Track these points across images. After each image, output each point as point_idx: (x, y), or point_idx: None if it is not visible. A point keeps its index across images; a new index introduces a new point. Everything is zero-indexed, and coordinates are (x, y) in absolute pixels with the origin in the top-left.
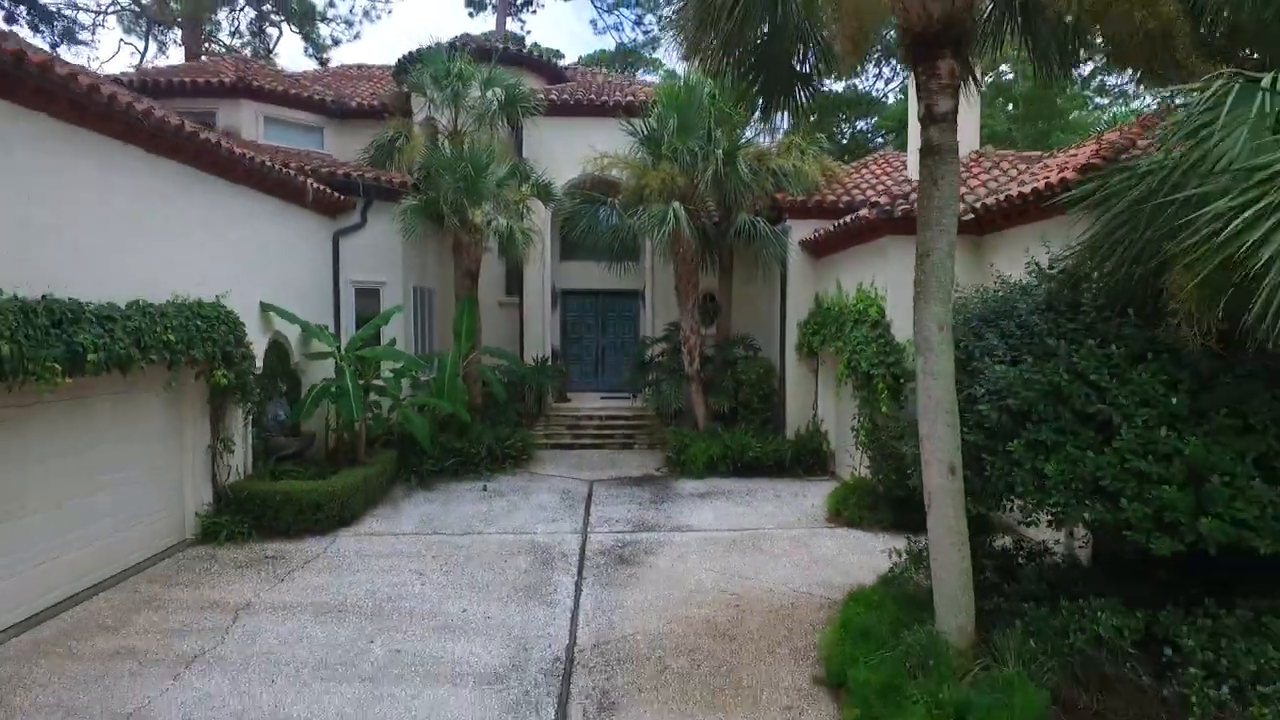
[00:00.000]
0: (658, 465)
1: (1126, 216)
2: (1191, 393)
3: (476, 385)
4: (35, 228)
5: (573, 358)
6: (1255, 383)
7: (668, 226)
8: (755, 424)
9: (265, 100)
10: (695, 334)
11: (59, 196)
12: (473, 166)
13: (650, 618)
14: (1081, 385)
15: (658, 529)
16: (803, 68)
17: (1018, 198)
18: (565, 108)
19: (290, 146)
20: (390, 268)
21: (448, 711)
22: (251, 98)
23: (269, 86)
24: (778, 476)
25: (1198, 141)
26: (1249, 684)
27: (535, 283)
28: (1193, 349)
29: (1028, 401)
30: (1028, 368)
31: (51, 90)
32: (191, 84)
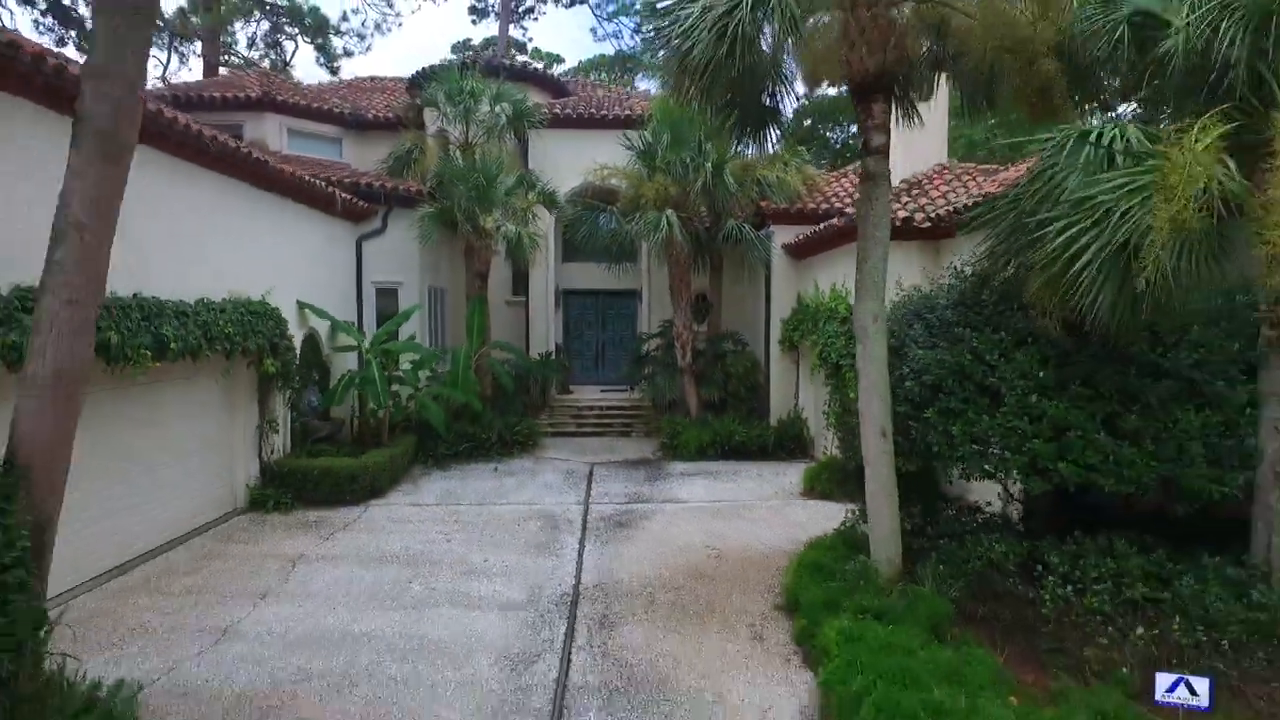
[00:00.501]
0: (653, 450)
1: (1007, 234)
2: (1057, 368)
3: (487, 377)
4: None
5: (575, 353)
6: (1102, 360)
7: (662, 232)
8: (742, 412)
9: (288, 113)
10: (688, 330)
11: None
12: (484, 177)
13: (643, 565)
14: (979, 364)
15: (651, 501)
16: (771, 102)
17: (955, 211)
18: (568, 120)
19: (312, 156)
20: (408, 269)
21: (479, 628)
22: (276, 111)
23: (292, 101)
24: (762, 459)
25: (1049, 179)
26: (1090, 585)
27: (540, 283)
28: (1054, 335)
29: (939, 377)
30: (941, 351)
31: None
32: (220, 99)
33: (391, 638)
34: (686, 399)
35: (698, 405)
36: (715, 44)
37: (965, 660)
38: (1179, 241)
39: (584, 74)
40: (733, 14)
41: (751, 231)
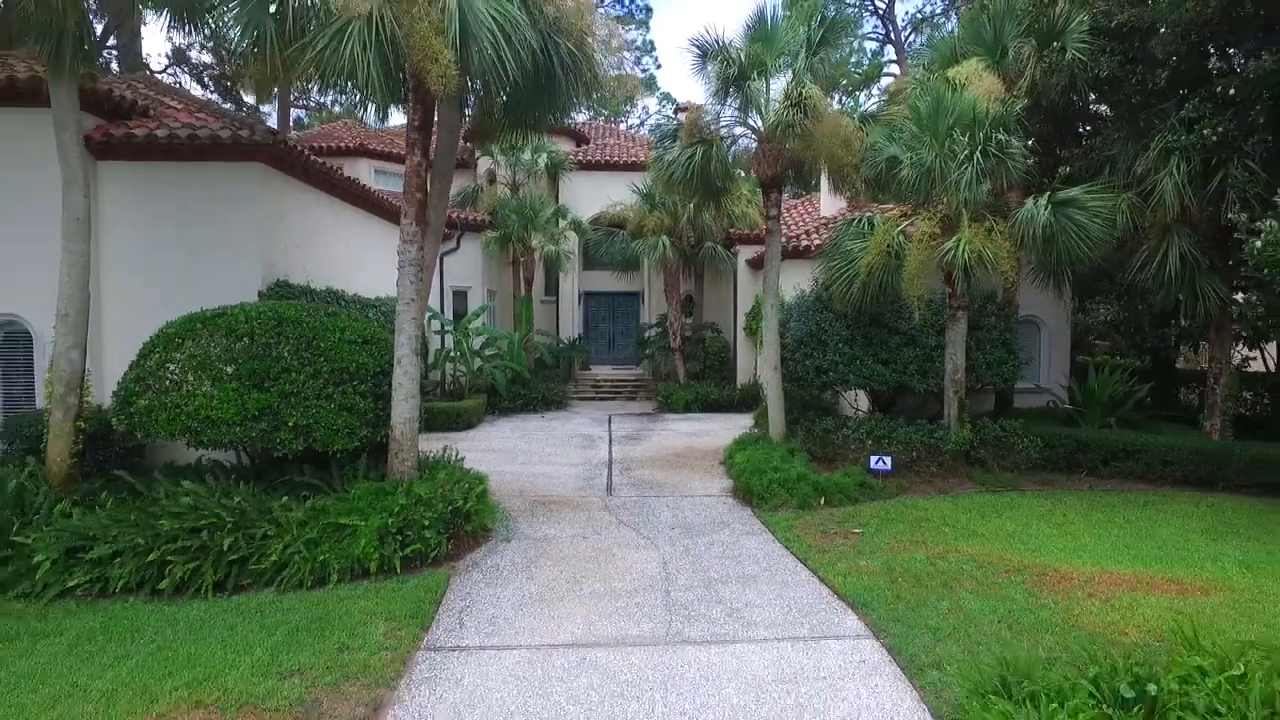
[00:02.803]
0: (652, 407)
1: (826, 262)
2: (850, 330)
3: (532, 355)
4: (320, 254)
5: (593, 339)
6: (870, 326)
7: (659, 251)
8: (717, 379)
9: (375, 158)
10: (678, 321)
11: (332, 238)
12: (531, 210)
13: (646, 452)
14: (819, 330)
15: (651, 430)
16: (720, 185)
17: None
18: (589, 165)
19: (392, 189)
20: (474, 276)
21: (560, 471)
22: (366, 156)
23: (377, 148)
24: (730, 411)
25: (837, 238)
26: (856, 433)
27: (567, 287)
28: (849, 314)
29: (801, 338)
30: (804, 323)
31: (334, 181)
32: (325, 148)
33: (519, 469)
34: (676, 371)
35: (685, 375)
36: (685, 169)
37: (794, 460)
38: (878, 269)
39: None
40: (692, 157)
41: (723, 250)
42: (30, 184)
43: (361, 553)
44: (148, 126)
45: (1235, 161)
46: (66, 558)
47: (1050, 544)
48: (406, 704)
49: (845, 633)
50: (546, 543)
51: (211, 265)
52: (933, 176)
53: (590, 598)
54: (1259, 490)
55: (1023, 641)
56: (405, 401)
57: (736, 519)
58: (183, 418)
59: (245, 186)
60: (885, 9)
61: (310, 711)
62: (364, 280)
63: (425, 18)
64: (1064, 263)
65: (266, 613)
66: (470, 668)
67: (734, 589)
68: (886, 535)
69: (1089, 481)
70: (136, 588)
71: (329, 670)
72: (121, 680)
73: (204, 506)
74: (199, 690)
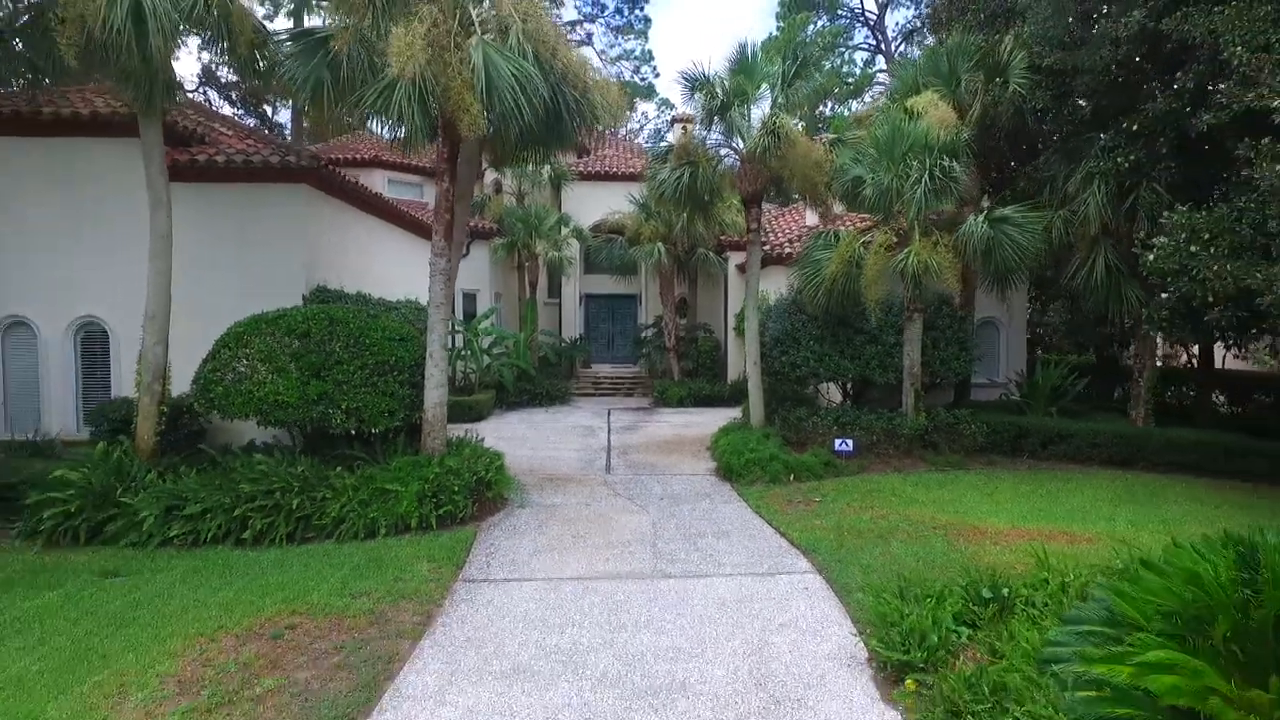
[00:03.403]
0: (648, 402)
1: (799, 270)
2: (820, 329)
3: (536, 353)
4: (352, 262)
5: (593, 339)
6: (838, 326)
7: (655, 257)
8: (708, 376)
9: (389, 169)
10: (672, 322)
11: (360, 247)
12: (535, 218)
13: (641, 439)
14: (796, 330)
15: (647, 422)
16: (707, 199)
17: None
18: (590, 175)
19: (403, 198)
20: (482, 280)
21: (564, 457)
22: (380, 167)
23: (391, 159)
24: (720, 405)
25: (809, 249)
26: (824, 421)
27: (569, 289)
28: (819, 315)
29: (779, 336)
30: (780, 324)
31: (365, 198)
32: (342, 159)
33: (529, 453)
34: (671, 369)
35: (679, 372)
36: (674, 187)
37: (769, 443)
38: (841, 276)
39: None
40: (681, 177)
41: (714, 256)
42: (104, 206)
43: (404, 511)
44: (208, 153)
45: (1145, 185)
46: (165, 514)
47: (976, 508)
48: (450, 614)
49: (795, 570)
50: (554, 509)
51: (262, 273)
52: (890, 195)
53: (591, 548)
54: (1171, 468)
55: (933, 574)
56: (436, 389)
57: (717, 492)
58: (255, 401)
59: (292, 205)
60: (876, 20)
61: (379, 619)
62: (388, 285)
63: (458, 76)
64: (1001, 271)
65: (331, 556)
66: (498, 593)
67: (709, 541)
68: (841, 503)
69: (1029, 463)
70: (223, 538)
71: (388, 594)
72: (230, 598)
73: (275, 473)
74: (292, 605)
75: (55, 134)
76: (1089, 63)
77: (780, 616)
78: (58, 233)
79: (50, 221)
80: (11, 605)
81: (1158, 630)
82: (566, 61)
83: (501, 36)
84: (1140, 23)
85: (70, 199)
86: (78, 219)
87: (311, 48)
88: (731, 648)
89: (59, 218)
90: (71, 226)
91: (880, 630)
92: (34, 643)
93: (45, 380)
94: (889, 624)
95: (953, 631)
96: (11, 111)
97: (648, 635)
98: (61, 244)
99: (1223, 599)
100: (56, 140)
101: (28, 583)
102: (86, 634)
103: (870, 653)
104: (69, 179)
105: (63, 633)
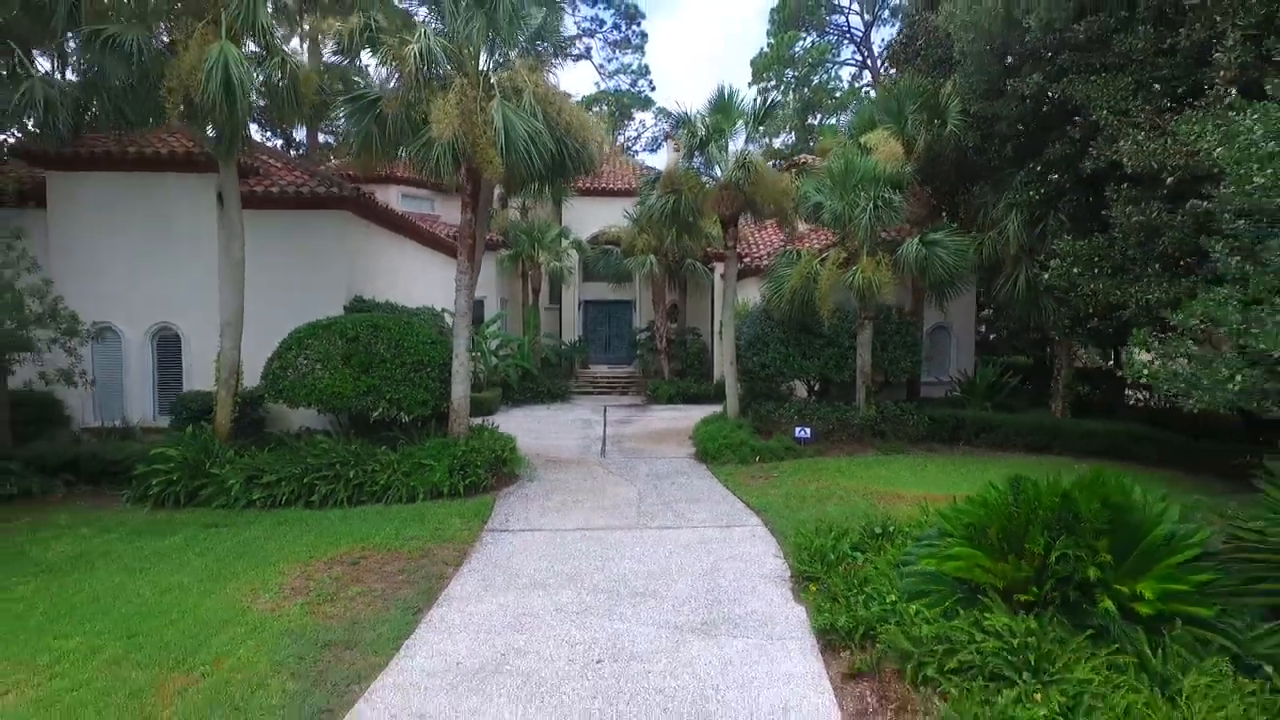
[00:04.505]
0: (641, 400)
1: (767, 281)
2: (784, 333)
3: (539, 355)
4: (381, 275)
5: (591, 341)
6: (800, 331)
7: (647, 267)
8: (696, 376)
9: (402, 184)
10: (664, 327)
11: (387, 262)
12: (539, 232)
13: (632, 431)
14: (765, 335)
15: (639, 416)
16: (691, 220)
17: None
18: (589, 191)
19: (415, 211)
20: (489, 287)
21: (565, 444)
22: (395, 183)
23: (404, 175)
24: (706, 403)
25: (775, 265)
26: (792, 413)
27: (569, 296)
28: (785, 321)
29: (751, 340)
30: (752, 328)
31: (393, 220)
32: (358, 175)
33: (535, 441)
34: (662, 369)
35: (669, 372)
36: (661, 211)
37: (740, 431)
38: (800, 289)
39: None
40: (666, 203)
41: (701, 266)
42: (176, 229)
43: (437, 481)
44: (265, 184)
45: (1052, 215)
46: (247, 482)
47: (903, 481)
48: (480, 552)
49: (748, 524)
50: (558, 482)
51: (310, 286)
52: (844, 219)
53: (588, 509)
54: (1081, 454)
55: (851, 523)
56: (461, 384)
57: (694, 470)
58: (317, 392)
59: (334, 227)
60: (862, 36)
61: (427, 554)
62: (409, 293)
63: (483, 135)
64: (936, 285)
65: (383, 514)
66: (516, 538)
67: (683, 505)
68: (794, 477)
69: (964, 449)
70: (294, 501)
71: (432, 537)
72: (312, 541)
73: (334, 450)
74: (361, 544)
75: (137, 169)
76: (1005, 112)
77: (730, 552)
78: (138, 252)
79: (132, 243)
80: (147, 545)
81: (961, 536)
82: (569, 118)
83: (516, 97)
84: (1039, 84)
85: (148, 224)
86: (154, 240)
87: (363, 108)
88: (692, 571)
89: (139, 240)
90: (149, 247)
91: (797, 555)
92: (177, 567)
93: (128, 376)
94: (803, 550)
95: (848, 555)
96: (104, 151)
97: (630, 563)
98: (141, 262)
99: (997, 513)
100: (136, 175)
101: (152, 532)
102: (214, 561)
103: (791, 571)
104: (147, 207)
105: (195, 562)
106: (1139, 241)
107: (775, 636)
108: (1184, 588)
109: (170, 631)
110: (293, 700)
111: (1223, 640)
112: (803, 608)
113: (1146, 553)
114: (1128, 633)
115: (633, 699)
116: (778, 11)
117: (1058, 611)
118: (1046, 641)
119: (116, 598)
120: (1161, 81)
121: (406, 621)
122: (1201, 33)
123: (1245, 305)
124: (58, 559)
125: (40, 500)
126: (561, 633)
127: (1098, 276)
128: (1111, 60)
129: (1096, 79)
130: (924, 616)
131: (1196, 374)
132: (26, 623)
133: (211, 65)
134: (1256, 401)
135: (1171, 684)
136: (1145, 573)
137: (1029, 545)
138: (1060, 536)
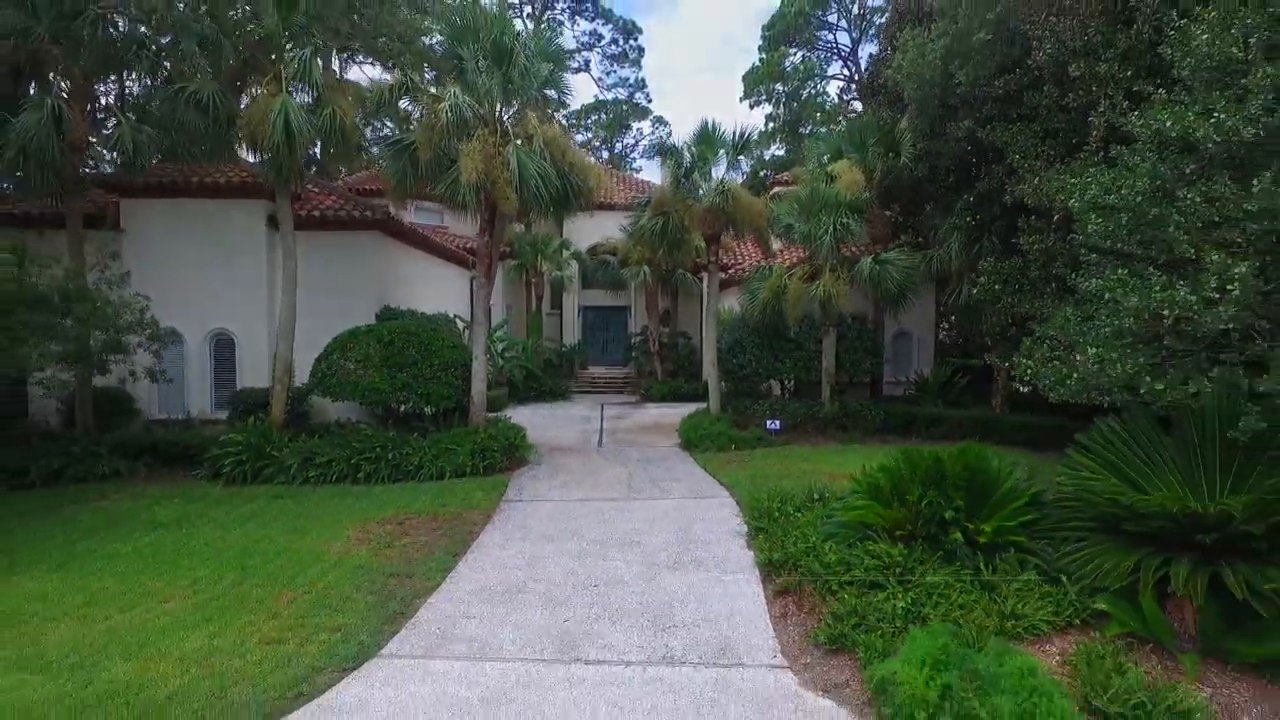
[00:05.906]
0: (636, 398)
1: (745, 292)
2: (759, 339)
3: (541, 356)
4: (404, 285)
5: (590, 344)
6: (774, 337)
7: (642, 277)
8: (686, 376)
9: (414, 197)
10: (656, 331)
11: (409, 274)
12: (542, 243)
13: (626, 425)
14: (742, 340)
15: (633, 413)
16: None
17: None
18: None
19: (426, 223)
20: (496, 295)
21: (567, 436)
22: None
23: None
24: (695, 401)
25: (750, 280)
26: (767, 406)
27: (570, 302)
28: (760, 327)
29: (731, 344)
30: (732, 334)
31: (416, 238)
32: (373, 190)
33: (540, 434)
34: (656, 370)
35: (662, 373)
36: (650, 231)
37: (719, 423)
38: (770, 300)
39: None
40: (655, 224)
41: (691, 276)
42: (230, 245)
43: (461, 462)
44: (307, 209)
45: (985, 238)
46: (303, 463)
47: (852, 465)
48: (501, 515)
49: (718, 496)
50: (561, 465)
51: (345, 296)
52: (810, 240)
53: (588, 486)
54: (1015, 444)
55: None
56: (479, 381)
57: (677, 456)
58: (359, 389)
59: (368, 245)
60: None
61: (458, 517)
62: (427, 302)
63: (501, 175)
64: (888, 297)
65: (418, 489)
66: (529, 506)
67: (666, 482)
68: (762, 462)
69: (915, 440)
70: (343, 478)
71: (461, 505)
72: (364, 508)
73: (375, 436)
74: (404, 510)
75: (198, 195)
76: (945, 149)
77: (701, 516)
78: (198, 266)
79: (193, 258)
80: (231, 511)
81: (866, 494)
82: (572, 158)
83: (528, 142)
84: (969, 128)
85: (206, 242)
86: (211, 256)
87: (399, 151)
88: (668, 529)
89: (199, 255)
90: (207, 262)
91: (752, 515)
92: (261, 525)
93: (189, 374)
94: (756, 511)
95: (790, 514)
96: (170, 180)
97: (620, 523)
98: (200, 275)
99: (890, 476)
100: (196, 200)
101: (228, 503)
102: (290, 521)
103: (747, 528)
104: (206, 228)
105: (274, 522)
106: (1041, 264)
107: (729, 570)
108: (1012, 524)
109: (272, 565)
110: (373, 607)
111: (1037, 561)
112: (752, 552)
113: (992, 502)
114: (969, 555)
115: (620, 606)
116: (769, 29)
117: (925, 542)
118: (912, 561)
119: (223, 545)
120: (1059, 133)
121: (448, 562)
122: (1083, 97)
123: (1083, 320)
124: (166, 518)
125: (127, 479)
126: (567, 568)
127: (1014, 292)
128: (1024, 112)
129: (1013, 127)
130: (832, 550)
131: (1051, 373)
132: (160, 560)
133: (276, 115)
134: (1087, 394)
135: (998, 590)
136: (990, 516)
137: (909, 497)
138: (930, 490)
